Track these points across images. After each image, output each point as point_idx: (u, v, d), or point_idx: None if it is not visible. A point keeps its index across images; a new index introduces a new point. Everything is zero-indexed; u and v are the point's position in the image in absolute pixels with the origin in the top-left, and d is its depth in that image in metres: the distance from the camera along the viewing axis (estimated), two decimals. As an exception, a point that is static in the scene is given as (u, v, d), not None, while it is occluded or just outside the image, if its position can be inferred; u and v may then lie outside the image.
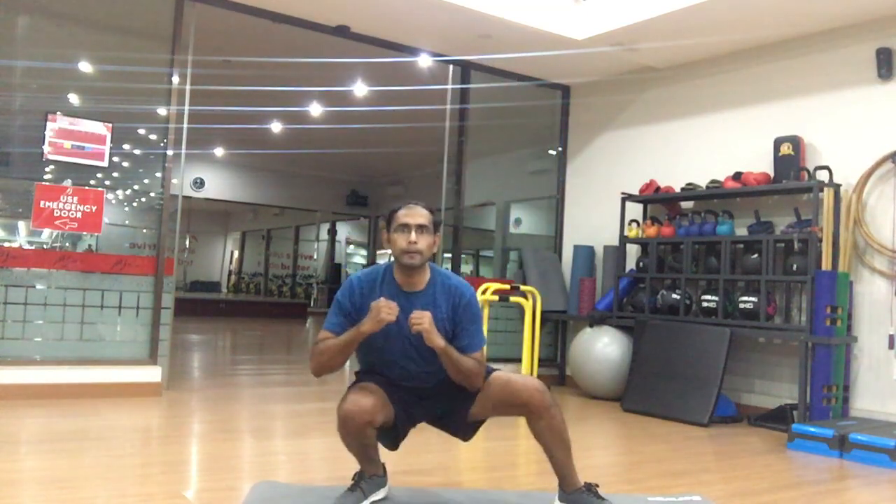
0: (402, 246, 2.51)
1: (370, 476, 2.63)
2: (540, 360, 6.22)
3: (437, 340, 2.41)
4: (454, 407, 2.62)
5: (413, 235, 2.50)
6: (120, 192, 5.27)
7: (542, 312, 6.21)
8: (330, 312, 2.59)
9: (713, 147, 5.91)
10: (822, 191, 4.96)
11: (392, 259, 2.61)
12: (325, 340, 2.51)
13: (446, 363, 2.47)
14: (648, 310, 5.82)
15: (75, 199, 4.82)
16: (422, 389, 2.63)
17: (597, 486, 2.61)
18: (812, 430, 4.25)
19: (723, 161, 5.75)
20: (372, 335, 2.44)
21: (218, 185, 15.89)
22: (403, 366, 2.58)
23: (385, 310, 2.38)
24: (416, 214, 2.54)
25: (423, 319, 2.39)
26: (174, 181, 5.21)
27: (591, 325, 6.04)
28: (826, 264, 4.87)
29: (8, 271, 4.70)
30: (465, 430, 2.69)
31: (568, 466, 2.59)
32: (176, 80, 5.16)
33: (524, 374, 2.56)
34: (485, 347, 2.63)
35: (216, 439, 3.91)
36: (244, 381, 6.24)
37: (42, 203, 4.72)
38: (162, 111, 5.19)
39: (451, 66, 6.56)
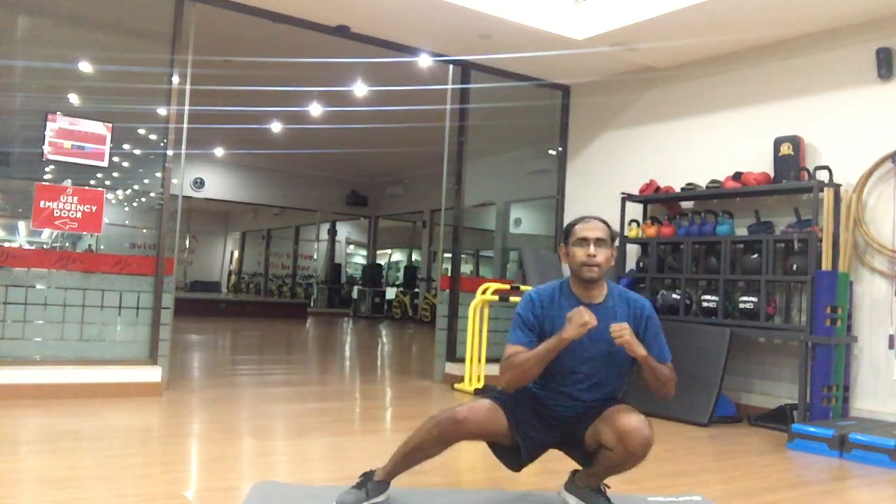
0: (582, 259, 2.54)
1: (379, 482, 2.64)
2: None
3: (640, 350, 2.45)
4: (577, 437, 2.63)
5: (592, 248, 2.53)
6: (120, 192, 5.27)
7: (542, 312, 6.20)
8: (513, 328, 2.61)
9: (713, 147, 5.91)
10: (822, 191, 4.96)
11: (568, 276, 2.66)
12: (520, 353, 2.52)
13: (646, 371, 2.52)
14: (648, 310, 5.81)
15: (75, 199, 4.82)
16: (561, 418, 2.63)
17: (607, 486, 2.63)
18: (812, 430, 4.25)
19: (723, 161, 5.75)
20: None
21: (218, 185, 15.90)
22: (578, 385, 2.58)
23: (587, 315, 2.41)
24: (594, 228, 2.58)
25: (623, 331, 2.42)
26: (174, 181, 5.21)
27: (591, 325, 6.02)
28: (826, 264, 4.87)
29: (8, 271, 4.70)
30: (582, 458, 2.69)
31: (598, 479, 2.64)
32: (176, 80, 5.16)
33: (639, 415, 2.52)
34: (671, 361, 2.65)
35: (216, 439, 3.91)
36: (244, 381, 6.24)
37: (42, 203, 4.72)
38: (162, 111, 5.18)
39: (451, 66, 6.56)
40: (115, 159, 5.04)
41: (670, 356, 2.64)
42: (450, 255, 6.77)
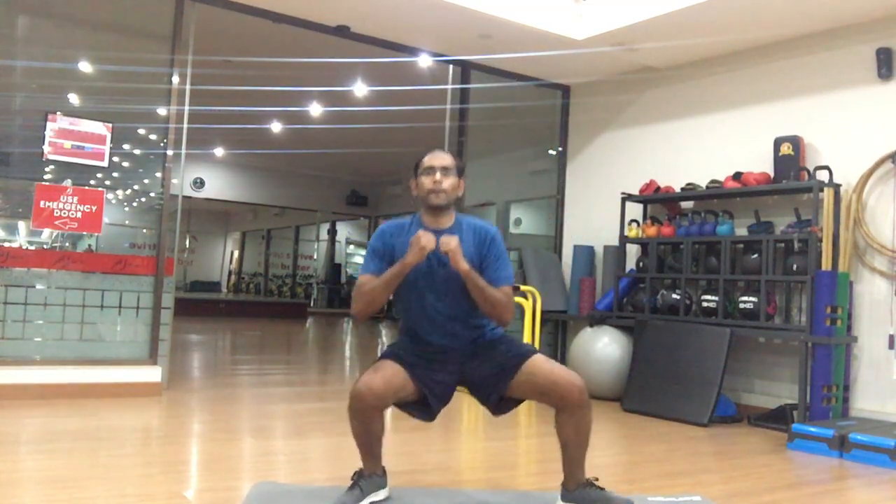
0: (429, 186, 2.66)
1: (369, 475, 2.63)
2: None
3: (462, 264, 2.53)
4: (493, 379, 2.65)
5: (438, 175, 2.65)
6: (120, 192, 5.28)
7: (542, 312, 6.21)
8: (366, 259, 2.71)
9: (713, 147, 5.91)
10: (822, 191, 4.96)
11: (419, 212, 2.76)
12: (368, 282, 2.62)
13: (472, 290, 2.56)
14: (648, 310, 5.82)
15: (75, 199, 4.82)
16: (453, 350, 2.66)
17: (595, 479, 2.64)
18: (812, 430, 4.25)
19: (723, 161, 5.75)
20: (410, 272, 2.56)
21: (218, 185, 15.89)
22: (434, 307, 2.65)
23: (424, 238, 2.52)
24: (440, 157, 2.70)
25: (450, 241, 2.52)
26: (174, 181, 5.21)
27: (591, 325, 6.04)
28: (826, 264, 4.87)
29: (8, 271, 4.70)
30: (499, 406, 2.71)
31: (579, 464, 2.62)
32: (176, 80, 5.16)
33: (566, 367, 2.62)
34: (511, 286, 2.70)
35: (216, 439, 3.91)
36: (244, 382, 6.24)
37: (42, 203, 4.72)
38: (162, 111, 5.19)
39: (451, 66, 6.56)
40: (115, 159, 5.04)
41: (510, 279, 2.68)
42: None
